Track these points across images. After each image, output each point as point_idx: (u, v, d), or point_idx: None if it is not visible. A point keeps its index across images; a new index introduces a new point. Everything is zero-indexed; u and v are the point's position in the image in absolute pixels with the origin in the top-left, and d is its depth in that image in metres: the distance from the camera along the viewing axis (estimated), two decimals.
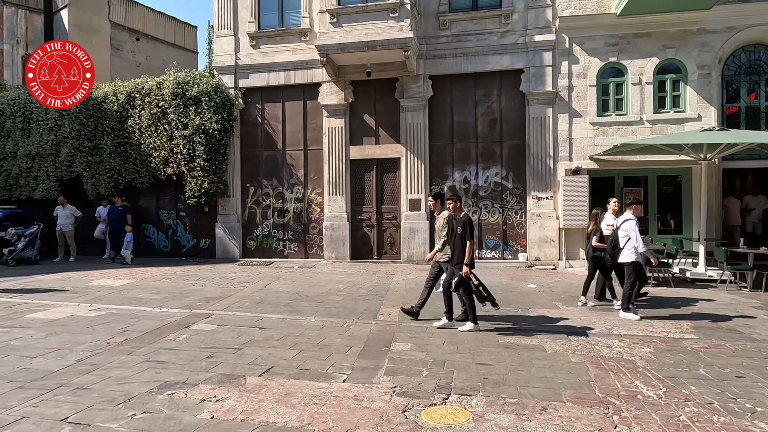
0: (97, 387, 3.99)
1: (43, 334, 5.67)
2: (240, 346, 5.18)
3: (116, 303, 7.58)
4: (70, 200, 13.81)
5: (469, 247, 5.81)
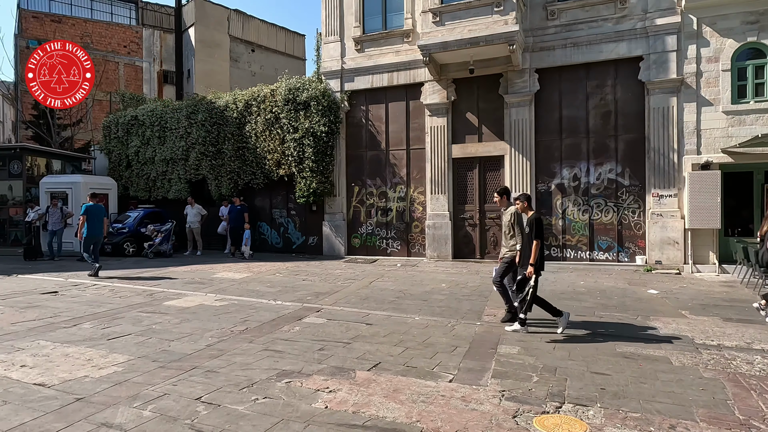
0: (224, 371, 4.37)
1: (178, 320, 6.33)
2: (348, 341, 5.38)
3: (237, 294, 8.24)
4: (197, 200, 15.26)
5: (535, 246, 5.61)
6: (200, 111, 15.34)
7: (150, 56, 34.19)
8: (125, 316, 6.59)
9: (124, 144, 16.82)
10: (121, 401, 3.67)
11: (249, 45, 34.24)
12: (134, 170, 16.65)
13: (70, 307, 7.11)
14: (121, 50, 33.19)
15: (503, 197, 6.35)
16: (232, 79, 31.66)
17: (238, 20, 33.82)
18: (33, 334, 5.60)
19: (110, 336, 5.53)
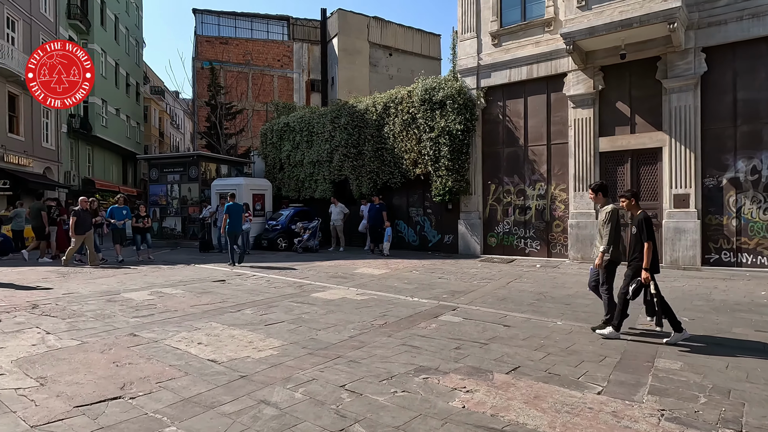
0: (365, 362, 4.58)
1: (324, 312, 6.79)
2: (485, 341, 5.27)
3: (376, 290, 8.58)
4: (339, 199, 16.22)
5: (647, 248, 5.15)
6: (343, 115, 16.28)
7: (299, 67, 37.23)
8: (279, 305, 7.26)
9: (278, 149, 18.55)
10: (277, 382, 4.05)
11: (387, 49, 35.46)
12: (286, 172, 18.28)
13: (235, 294, 8.04)
14: (275, 64, 36.60)
15: (598, 194, 5.81)
16: (371, 84, 33.11)
17: (377, 27, 35.20)
18: (206, 316, 6.45)
19: (267, 322, 6.14)
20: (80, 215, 11.78)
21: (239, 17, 37.54)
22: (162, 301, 7.41)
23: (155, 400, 3.65)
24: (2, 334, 5.44)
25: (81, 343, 5.10)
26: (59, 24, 27.28)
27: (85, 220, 11.83)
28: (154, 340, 5.24)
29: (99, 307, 6.98)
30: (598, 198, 5.86)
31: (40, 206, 13.85)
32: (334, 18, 34.58)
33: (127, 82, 37.81)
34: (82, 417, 3.34)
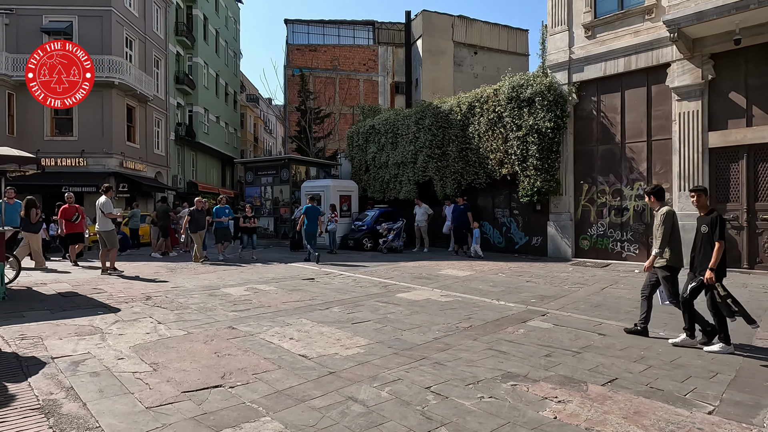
0: (451, 365, 4.53)
1: (408, 312, 6.82)
2: (578, 350, 5.01)
3: (460, 291, 8.47)
4: (423, 200, 16.23)
5: (718, 248, 4.85)
6: (427, 116, 16.27)
7: (384, 70, 37.78)
8: (365, 304, 7.40)
9: (364, 151, 18.95)
10: (364, 380, 4.13)
11: (471, 48, 34.95)
12: (371, 174, 18.62)
13: (323, 293, 8.33)
14: (361, 68, 37.43)
15: (651, 197, 5.69)
16: (455, 83, 32.80)
17: (462, 26, 34.80)
18: (297, 313, 6.73)
19: (354, 320, 6.29)
20: (194, 215, 12.85)
21: (327, 25, 38.87)
22: (257, 297, 7.85)
23: (252, 390, 3.87)
24: (122, 322, 6.06)
25: (187, 334, 5.54)
26: (168, 41, 29.90)
27: (198, 219, 12.89)
28: (250, 334, 5.56)
29: (201, 300, 7.55)
30: (653, 201, 5.71)
31: (167, 208, 15.54)
32: (419, 20, 34.68)
33: (226, 92, 40.58)
34: (189, 402, 3.63)
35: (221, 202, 14.21)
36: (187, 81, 31.85)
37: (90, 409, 3.46)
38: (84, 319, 6.14)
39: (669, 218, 5.37)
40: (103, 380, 4.03)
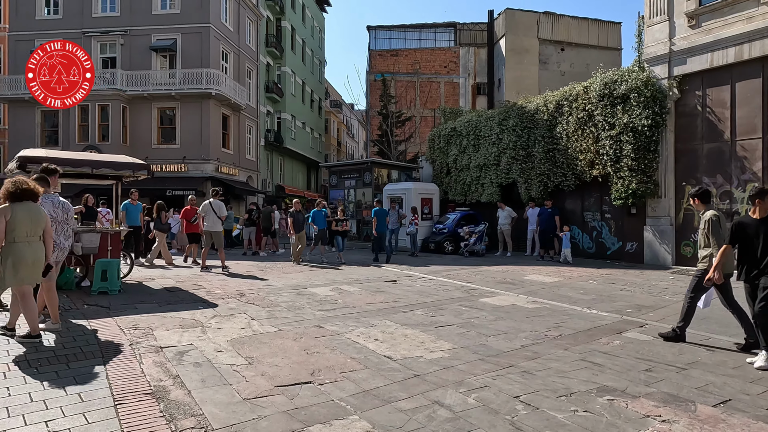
0: (540, 375, 4.36)
1: (493, 318, 6.66)
2: (684, 366, 4.61)
3: (548, 298, 8.14)
4: (507, 203, 15.80)
5: None
6: (511, 117, 15.85)
7: (465, 72, 37.33)
8: (448, 307, 7.33)
9: (445, 153, 18.83)
10: (449, 385, 4.09)
11: (558, 45, 33.53)
12: (452, 176, 18.45)
13: (406, 295, 8.36)
14: (442, 71, 37.29)
15: (695, 200, 5.60)
16: (540, 82, 31.64)
17: (547, 22, 33.52)
18: (381, 314, 6.82)
19: (437, 324, 6.25)
20: (296, 216, 13.07)
21: (408, 29, 39.15)
22: (342, 297, 8.05)
23: (340, 388, 3.97)
24: (220, 317, 6.47)
25: (278, 330, 5.81)
26: (259, 52, 31.65)
27: (299, 220, 13.15)
28: (336, 333, 5.71)
29: (290, 299, 7.88)
30: (697, 204, 5.62)
31: (271, 210, 16.86)
32: (501, 18, 33.90)
33: (312, 98, 42.18)
34: (281, 396, 3.79)
35: (318, 206, 14.29)
36: (276, 89, 33.49)
37: (194, 396, 3.73)
38: (186, 313, 6.63)
39: (717, 223, 5.25)
40: (205, 371, 4.32)
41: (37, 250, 4.99)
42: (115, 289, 7.88)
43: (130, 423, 3.23)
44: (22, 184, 4.97)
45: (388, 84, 33.81)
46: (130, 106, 25.11)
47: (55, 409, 3.38)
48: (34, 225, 4.96)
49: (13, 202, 4.89)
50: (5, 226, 4.78)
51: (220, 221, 11.57)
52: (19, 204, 4.91)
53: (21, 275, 4.85)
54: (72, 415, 3.30)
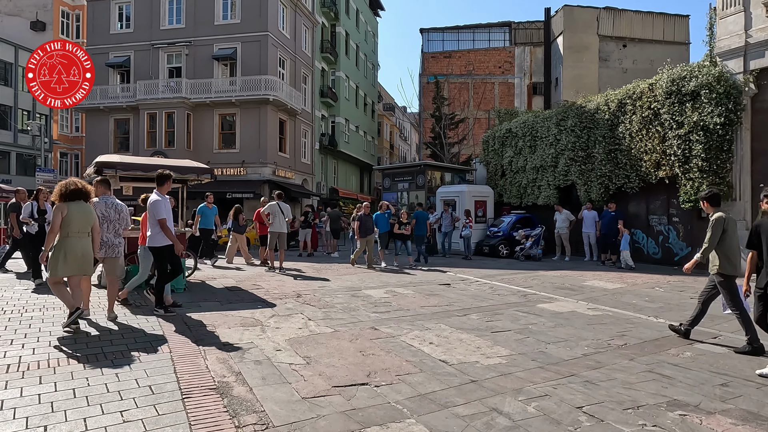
0: (604, 385, 4.17)
1: (552, 324, 6.46)
2: (764, 382, 4.28)
3: (610, 305, 7.80)
4: (565, 206, 15.30)
5: None
6: (569, 117, 15.34)
7: (521, 72, 36.54)
8: (504, 312, 7.18)
9: (499, 155, 18.49)
10: (507, 392, 3.99)
11: (620, 41, 32.19)
12: (507, 179, 18.08)
13: (460, 299, 8.26)
14: (496, 71, 36.69)
15: (704, 202, 5.76)
16: (600, 80, 30.47)
17: (608, 18, 32.24)
18: (435, 317, 6.77)
19: (493, 329, 6.13)
20: (363, 220, 12.51)
21: (462, 30, 38.80)
22: (396, 300, 8.07)
23: (396, 391, 3.97)
24: (278, 317, 6.65)
25: (334, 331, 5.89)
26: (314, 58, 32.35)
27: (367, 224, 12.59)
28: (391, 335, 5.72)
29: (345, 300, 7.97)
30: (707, 207, 5.74)
31: (339, 213, 17.93)
32: (559, 16, 32.94)
33: (365, 102, 42.63)
34: (339, 396, 3.84)
35: (381, 208, 13.82)
36: (330, 94, 34.11)
37: (255, 393, 3.84)
38: (247, 312, 6.86)
39: (719, 224, 5.39)
40: (265, 369, 4.45)
41: (86, 244, 5.59)
42: (180, 288, 8.27)
43: (196, 416, 3.37)
44: (71, 185, 5.58)
45: (441, 86, 33.64)
46: (193, 113, 26.33)
47: (128, 400, 3.58)
48: (85, 222, 5.57)
49: (66, 201, 5.49)
50: (60, 221, 5.39)
51: (286, 222, 11.90)
52: (73, 203, 5.52)
53: (71, 266, 5.47)
54: (144, 407, 3.49)
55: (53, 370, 4.15)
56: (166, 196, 6.65)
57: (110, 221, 6.38)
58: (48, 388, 3.77)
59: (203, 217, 12.71)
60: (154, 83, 26.35)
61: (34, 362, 4.34)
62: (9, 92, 34.02)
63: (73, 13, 37.97)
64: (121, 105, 26.96)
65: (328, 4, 34.26)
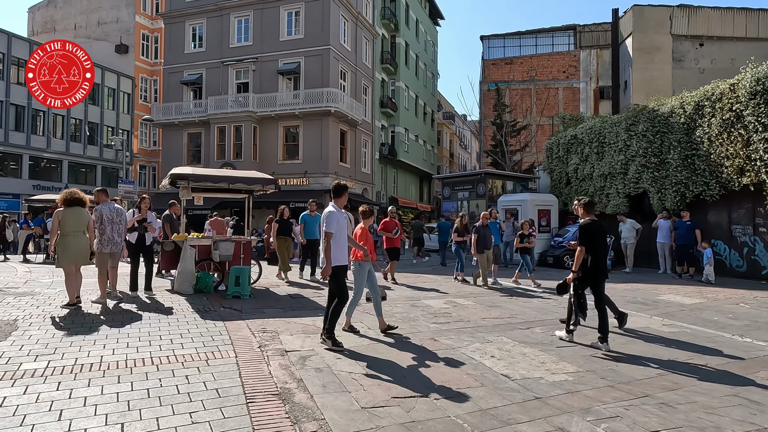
0: (683, 409, 3.88)
1: (623, 340, 6.10)
2: None
3: (688, 322, 7.27)
4: (635, 215, 14.51)
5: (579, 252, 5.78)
6: (641, 121, 14.59)
7: (586, 76, 35.23)
8: None
9: (564, 162, 17.86)
10: (574, 411, 3.80)
11: (696, 39, 30.28)
12: (573, 186, 17.41)
13: (523, 311, 8.00)
14: (560, 76, 35.61)
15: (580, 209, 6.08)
16: (674, 82, 28.79)
17: (683, 16, 30.46)
18: (497, 330, 6.59)
19: (558, 344, 5.88)
20: (481, 231, 10.59)
21: (524, 35, 38.03)
22: (456, 311, 7.94)
23: (456, 405, 3.89)
24: (339, 325, 6.71)
25: (393, 341, 5.87)
26: (374, 69, 32.83)
27: (486, 236, 10.71)
28: (451, 347, 5.63)
29: (404, 310, 7.94)
30: (582, 213, 6.03)
31: (421, 224, 18.72)
32: (628, 16, 31.51)
33: (424, 111, 42.69)
34: (398, 408, 3.80)
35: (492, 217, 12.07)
36: (390, 104, 34.43)
37: (316, 401, 3.89)
38: (308, 319, 6.99)
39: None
40: (326, 376, 4.50)
41: (80, 241, 6.95)
42: (246, 294, 8.58)
43: (260, 421, 3.46)
44: (73, 194, 7.00)
45: (502, 93, 33.08)
46: (259, 126, 27.44)
47: (197, 402, 3.74)
48: (79, 223, 6.94)
49: (65, 207, 6.88)
50: (58, 223, 6.82)
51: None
52: (69, 209, 6.89)
53: (69, 258, 6.82)
54: (211, 409, 3.62)
55: (130, 371, 4.41)
56: (342, 210, 5.80)
57: (114, 223, 7.62)
58: (125, 387, 4.00)
59: (307, 225, 11.53)
60: (224, 98, 27.73)
61: (113, 362, 4.64)
62: (96, 111, 36.99)
63: (152, 36, 40.84)
64: (193, 120, 28.57)
65: (388, 16, 34.71)
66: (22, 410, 3.49)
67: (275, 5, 27.61)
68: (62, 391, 3.85)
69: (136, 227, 8.48)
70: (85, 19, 41.21)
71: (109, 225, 7.55)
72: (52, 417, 3.40)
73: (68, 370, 4.35)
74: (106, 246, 7.51)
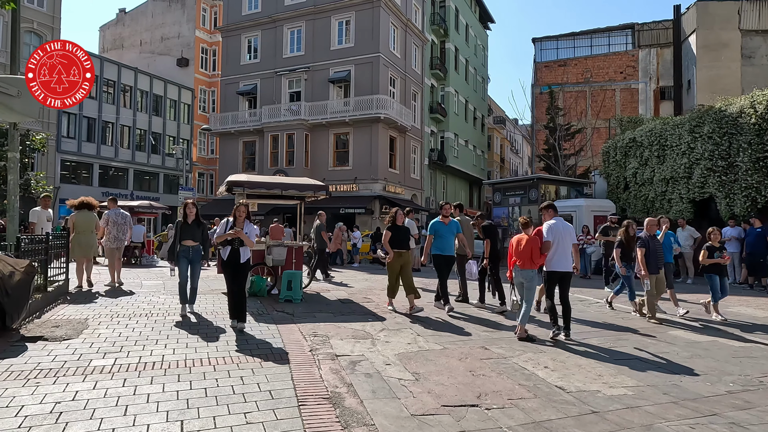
0: (756, 430, 3.62)
1: (687, 354, 5.77)
2: None
3: (761, 336, 6.78)
4: (701, 221, 13.72)
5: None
6: (706, 122, 13.81)
7: (646, 76, 33.76)
8: (629, 338, 6.57)
9: (622, 166, 17.16)
10: (634, 427, 3.63)
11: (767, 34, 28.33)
12: (632, 191, 16.70)
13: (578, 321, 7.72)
14: (617, 77, 34.31)
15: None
16: (744, 80, 27.03)
17: (752, 9, 28.61)
18: (551, 340, 6.39)
19: (616, 356, 5.63)
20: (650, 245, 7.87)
21: (578, 36, 36.94)
22: (507, 320, 7.77)
23: (508, 416, 3.80)
24: (388, 330, 6.74)
25: (443, 348, 5.82)
26: (424, 75, 32.83)
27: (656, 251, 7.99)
28: (502, 356, 5.51)
29: (454, 317, 7.85)
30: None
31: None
32: (691, 12, 29.98)
33: (474, 116, 42.22)
34: (448, 417, 3.76)
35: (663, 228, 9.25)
36: (439, 109, 34.31)
37: (366, 406, 3.91)
38: (358, 324, 7.05)
39: None
40: (375, 382, 4.52)
41: (89, 239, 9.09)
42: (297, 298, 8.76)
43: (311, 424, 3.51)
44: (85, 201, 9.25)
45: (555, 96, 32.23)
46: (311, 133, 28.05)
47: (251, 403, 3.85)
48: (87, 224, 9.10)
49: (77, 210, 9.13)
50: (72, 224, 9.02)
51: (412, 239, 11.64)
52: (80, 212, 9.11)
53: (79, 252, 8.98)
54: (264, 410, 3.72)
55: (189, 370, 4.60)
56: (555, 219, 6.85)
57: (118, 225, 9.66)
58: (184, 386, 4.18)
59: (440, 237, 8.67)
60: (277, 107, 28.56)
61: (174, 361, 4.86)
62: (159, 121, 39.05)
63: (210, 49, 42.74)
64: (248, 129, 29.59)
65: (437, 22, 34.68)
66: (92, 404, 3.71)
67: (326, 15, 28.22)
68: (127, 388, 4.07)
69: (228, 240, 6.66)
70: (150, 36, 43.69)
71: (115, 226, 9.61)
72: (118, 412, 3.59)
73: (133, 368, 4.60)
74: (113, 242, 9.61)
